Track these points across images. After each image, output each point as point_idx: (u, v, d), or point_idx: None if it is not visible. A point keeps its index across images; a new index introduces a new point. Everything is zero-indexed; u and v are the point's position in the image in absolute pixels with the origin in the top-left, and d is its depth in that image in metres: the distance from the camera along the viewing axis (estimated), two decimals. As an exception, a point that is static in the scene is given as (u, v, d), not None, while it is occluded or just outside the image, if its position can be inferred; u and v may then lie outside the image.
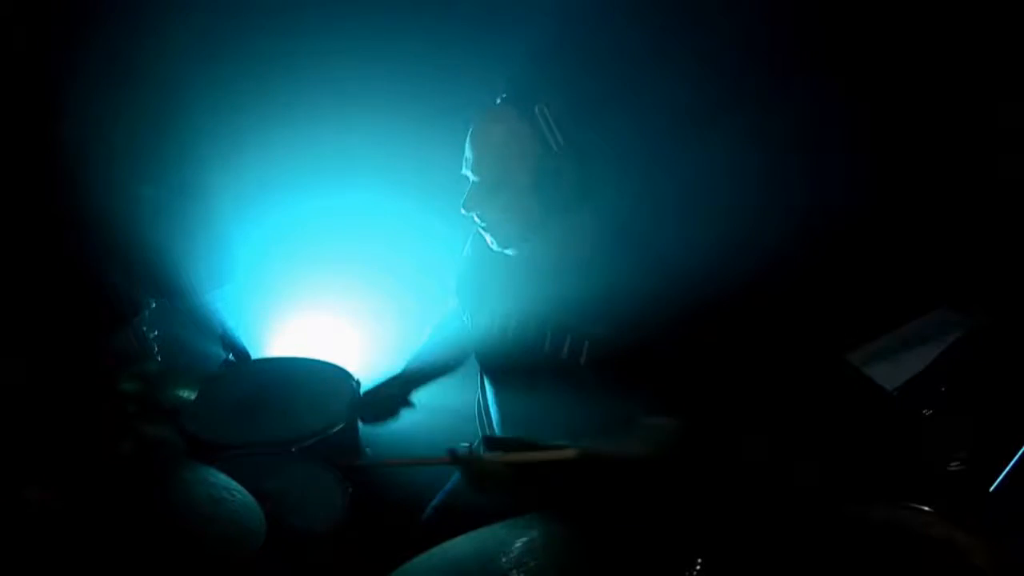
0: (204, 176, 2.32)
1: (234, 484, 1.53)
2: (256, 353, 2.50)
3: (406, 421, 2.48)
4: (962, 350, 1.94)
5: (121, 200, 2.11)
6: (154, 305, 2.17)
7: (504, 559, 1.40)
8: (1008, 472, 1.64)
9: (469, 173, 1.70)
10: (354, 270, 2.39)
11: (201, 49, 2.14)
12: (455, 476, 2.03)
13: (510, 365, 1.81)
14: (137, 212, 2.14)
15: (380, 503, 2.22)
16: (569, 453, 1.52)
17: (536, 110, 1.64)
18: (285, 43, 2.27)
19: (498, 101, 1.70)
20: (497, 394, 1.86)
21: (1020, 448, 1.64)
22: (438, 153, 2.17)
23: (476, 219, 1.73)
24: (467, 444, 1.66)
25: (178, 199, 2.29)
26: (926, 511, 1.66)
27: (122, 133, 2.13)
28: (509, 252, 1.77)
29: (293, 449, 1.99)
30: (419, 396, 2.49)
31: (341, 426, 2.08)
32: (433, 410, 2.47)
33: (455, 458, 1.64)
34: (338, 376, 2.27)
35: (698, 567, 1.40)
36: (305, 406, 2.15)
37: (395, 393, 2.10)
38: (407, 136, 2.33)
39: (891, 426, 1.91)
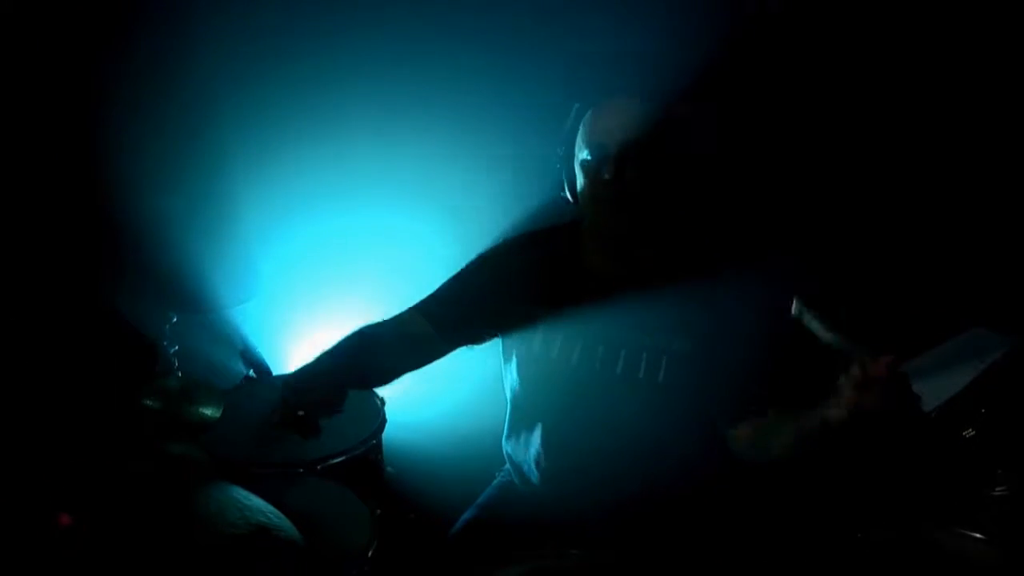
0: (230, 189, 2.30)
1: (269, 507, 1.49)
2: (278, 369, 2.47)
3: (430, 440, 2.46)
4: (1003, 371, 1.89)
5: (145, 211, 2.09)
6: (175, 319, 2.13)
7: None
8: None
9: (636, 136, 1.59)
10: (378, 288, 2.36)
11: (231, 61, 2.13)
12: (487, 491, 1.99)
13: (572, 391, 1.76)
14: (161, 224, 2.11)
15: (408, 521, 2.19)
16: None
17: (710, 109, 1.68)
18: (316, 58, 2.26)
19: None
20: (547, 422, 1.80)
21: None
22: (468, 175, 2.15)
23: (624, 184, 1.59)
24: None
25: (203, 212, 2.26)
26: (973, 536, 1.63)
27: (148, 144, 2.11)
28: (620, 230, 1.68)
29: (319, 468, 1.96)
30: (442, 415, 2.48)
31: (368, 444, 2.05)
32: (457, 427, 2.44)
33: None
34: (362, 393, 2.23)
35: None
36: (329, 424, 2.11)
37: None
38: (437, 157, 2.32)
39: (930, 447, 1.87)
